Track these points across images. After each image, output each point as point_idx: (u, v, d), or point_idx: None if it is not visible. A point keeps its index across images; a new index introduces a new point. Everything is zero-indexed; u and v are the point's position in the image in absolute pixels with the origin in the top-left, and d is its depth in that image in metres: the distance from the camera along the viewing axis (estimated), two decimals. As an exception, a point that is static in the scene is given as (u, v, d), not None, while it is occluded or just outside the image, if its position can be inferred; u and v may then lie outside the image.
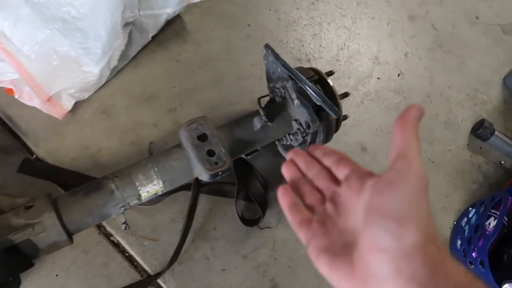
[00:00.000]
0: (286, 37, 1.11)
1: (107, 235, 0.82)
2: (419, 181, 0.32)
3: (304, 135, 0.78)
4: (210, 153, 0.71)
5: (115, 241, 0.81)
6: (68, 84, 0.81)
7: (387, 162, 0.34)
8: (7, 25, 0.80)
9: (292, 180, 0.47)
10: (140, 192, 0.69)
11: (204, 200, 0.87)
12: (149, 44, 0.98)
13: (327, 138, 0.81)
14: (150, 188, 0.70)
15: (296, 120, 0.78)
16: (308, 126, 0.74)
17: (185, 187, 0.86)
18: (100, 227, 0.82)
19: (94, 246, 0.80)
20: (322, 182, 0.44)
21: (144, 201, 0.71)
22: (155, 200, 0.80)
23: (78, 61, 0.83)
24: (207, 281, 0.82)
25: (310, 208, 0.43)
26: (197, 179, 0.83)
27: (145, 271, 0.81)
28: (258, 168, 0.91)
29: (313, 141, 0.81)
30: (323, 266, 0.36)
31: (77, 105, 0.87)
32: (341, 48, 1.14)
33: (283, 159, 0.92)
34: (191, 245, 0.83)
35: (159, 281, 0.80)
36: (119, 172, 0.70)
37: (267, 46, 0.77)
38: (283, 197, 0.44)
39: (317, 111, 0.74)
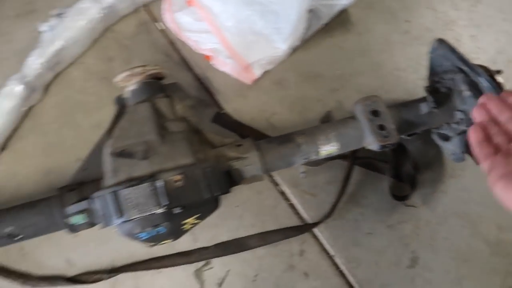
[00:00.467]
0: (443, 35, 1.15)
1: (275, 184, 0.97)
2: None
3: (467, 125, 0.83)
4: (381, 127, 0.81)
5: (281, 190, 0.96)
6: (261, 56, 0.98)
7: None
8: (217, 4, 0.99)
9: (481, 122, 0.54)
10: (319, 150, 0.82)
11: (356, 171, 0.97)
12: (319, 31, 1.11)
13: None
14: (328, 148, 0.82)
15: (460, 111, 0.84)
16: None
17: (340, 157, 0.97)
18: (270, 176, 0.97)
19: (266, 191, 0.96)
20: None
21: (319, 158, 0.84)
22: (319, 162, 0.93)
23: (269, 39, 0.99)
24: (355, 239, 0.92)
25: (497, 147, 0.50)
26: (353, 152, 0.94)
27: (304, 219, 0.94)
28: (408, 152, 0.99)
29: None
30: (499, 190, 0.44)
31: (262, 76, 1.04)
32: (500, 52, 1.15)
33: (432, 147, 0.99)
34: (344, 206, 0.94)
35: (315, 230, 0.92)
36: (306, 130, 0.84)
37: (440, 40, 0.84)
38: (473, 133, 0.52)
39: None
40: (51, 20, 1.00)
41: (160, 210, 0.66)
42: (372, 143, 0.81)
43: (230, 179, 0.77)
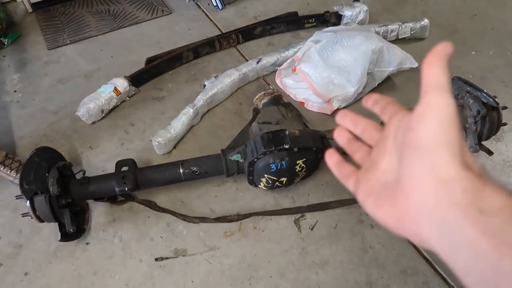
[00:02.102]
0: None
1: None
2: (447, 111, 0.30)
3: (475, 120, 1.31)
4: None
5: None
6: (338, 94, 1.58)
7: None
8: (311, 70, 1.64)
9: (343, 144, 0.46)
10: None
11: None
12: (373, 91, 1.70)
13: (491, 129, 1.32)
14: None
15: (469, 117, 1.33)
16: (478, 112, 1.28)
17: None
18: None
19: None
20: (369, 134, 0.44)
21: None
22: None
23: (343, 85, 1.60)
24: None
25: (359, 163, 0.43)
26: None
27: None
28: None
29: (481, 131, 1.32)
30: (370, 208, 0.37)
31: (335, 113, 1.61)
32: None
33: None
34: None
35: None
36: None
37: (457, 77, 1.39)
38: (329, 159, 0.45)
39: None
40: (211, 78, 1.71)
41: (286, 146, 1.18)
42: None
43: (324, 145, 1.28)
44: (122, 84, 1.69)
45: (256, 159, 1.21)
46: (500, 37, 2.03)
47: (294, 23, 2.03)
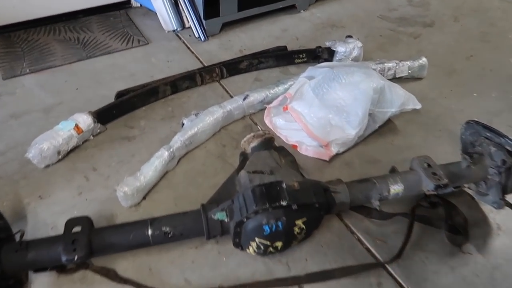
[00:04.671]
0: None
1: (351, 232, 1.21)
2: None
3: (499, 170, 1.12)
4: (434, 173, 1.12)
5: (358, 237, 1.20)
6: (337, 137, 1.37)
7: None
8: (305, 109, 1.45)
9: None
10: (390, 188, 1.11)
11: (417, 226, 1.21)
12: (374, 133, 1.52)
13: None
14: (396, 187, 1.12)
15: (491, 167, 1.14)
16: (504, 162, 1.09)
17: (402, 214, 1.23)
18: (347, 226, 1.22)
19: (344, 236, 1.20)
20: None
21: (389, 196, 1.12)
22: (386, 216, 1.20)
23: (342, 128, 1.40)
24: (423, 276, 1.10)
25: None
26: (413, 211, 1.21)
27: (378, 259, 1.14)
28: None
29: (506, 182, 1.14)
30: None
31: (334, 159, 1.41)
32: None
33: (476, 210, 1.24)
34: (410, 251, 1.15)
35: (389, 267, 1.12)
36: (378, 176, 1.15)
37: (473, 121, 1.21)
38: None
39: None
40: (191, 116, 1.49)
41: (283, 203, 0.95)
42: (428, 184, 1.10)
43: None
44: (85, 120, 1.44)
45: (245, 219, 0.97)
46: (500, 79, 1.92)
47: (283, 58, 1.87)
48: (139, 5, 2.29)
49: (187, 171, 1.40)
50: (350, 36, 1.90)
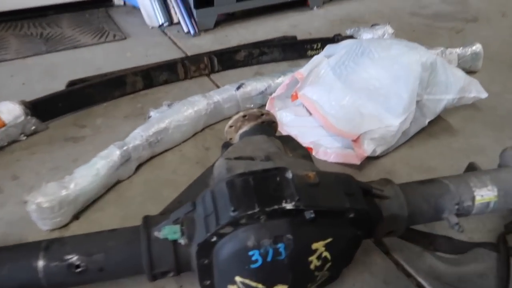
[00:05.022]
0: None
1: (407, 274, 0.72)
2: None
3: None
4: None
5: (417, 282, 0.70)
6: (372, 128, 0.92)
7: None
8: (323, 96, 1.01)
9: None
10: (475, 193, 0.64)
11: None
12: (421, 133, 1.06)
13: None
14: (485, 193, 0.64)
15: None
16: None
17: (488, 244, 0.74)
18: (398, 264, 0.73)
19: (394, 281, 0.70)
20: None
21: (474, 209, 0.64)
22: (463, 247, 0.72)
23: (378, 116, 0.95)
24: None
25: None
26: (503, 238, 0.73)
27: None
28: None
29: None
30: None
31: (367, 166, 0.95)
32: None
33: None
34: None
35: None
36: (450, 176, 0.68)
37: None
38: None
39: None
40: (162, 108, 1.06)
41: (287, 206, 0.48)
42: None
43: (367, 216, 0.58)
44: (11, 111, 1.02)
45: (215, 237, 0.50)
46: None
47: (292, 49, 1.46)
48: (122, 3, 1.96)
49: (148, 180, 0.95)
50: (376, 24, 1.51)
